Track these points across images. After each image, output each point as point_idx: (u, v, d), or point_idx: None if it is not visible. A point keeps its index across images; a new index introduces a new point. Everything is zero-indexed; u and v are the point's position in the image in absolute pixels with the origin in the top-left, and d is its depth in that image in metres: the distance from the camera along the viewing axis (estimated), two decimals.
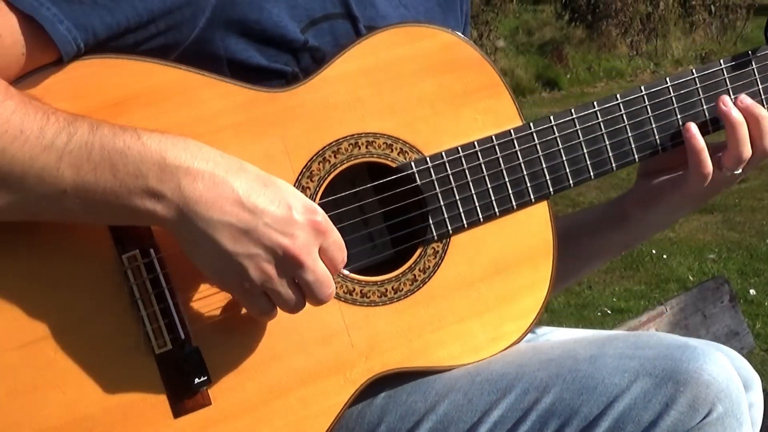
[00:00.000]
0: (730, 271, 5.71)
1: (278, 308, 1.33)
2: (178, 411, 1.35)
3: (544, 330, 1.75)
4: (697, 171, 1.55)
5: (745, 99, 1.58)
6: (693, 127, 1.56)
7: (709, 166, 1.55)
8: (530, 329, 1.52)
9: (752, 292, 5.35)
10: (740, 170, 1.57)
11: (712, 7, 14.36)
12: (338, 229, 1.46)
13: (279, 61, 1.44)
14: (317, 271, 1.30)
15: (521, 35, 14.00)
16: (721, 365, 1.38)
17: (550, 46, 13.53)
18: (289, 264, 1.29)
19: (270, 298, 1.31)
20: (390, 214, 1.50)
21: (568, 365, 1.42)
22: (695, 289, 2.58)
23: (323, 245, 1.31)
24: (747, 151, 1.55)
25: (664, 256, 6.06)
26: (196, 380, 1.34)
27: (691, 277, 5.63)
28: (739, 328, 2.46)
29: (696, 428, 1.36)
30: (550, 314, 5.04)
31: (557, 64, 12.92)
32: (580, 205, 7.15)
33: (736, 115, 1.56)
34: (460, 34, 1.51)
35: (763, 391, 1.62)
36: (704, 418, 1.36)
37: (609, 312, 5.20)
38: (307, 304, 1.33)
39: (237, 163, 1.29)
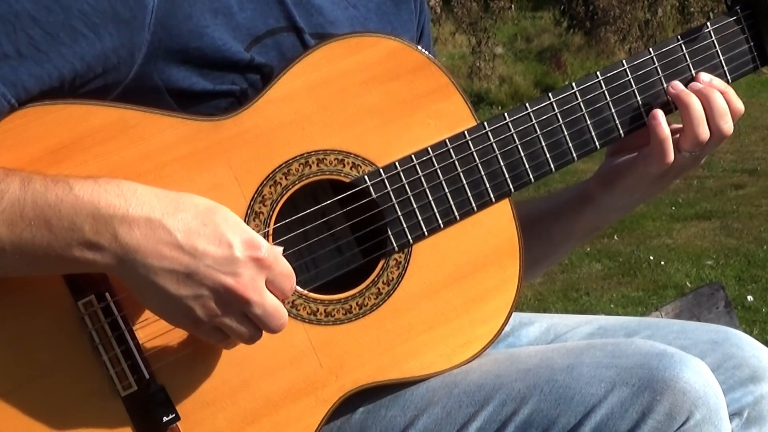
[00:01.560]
0: (728, 277, 5.68)
1: (236, 340, 1.33)
2: None
3: (529, 317, 1.74)
4: (660, 158, 1.53)
5: (698, 78, 1.55)
6: (660, 115, 1.53)
7: (671, 155, 1.52)
8: (502, 330, 1.51)
9: (750, 298, 5.32)
10: (698, 152, 1.54)
11: (711, 14, 14.10)
12: (305, 246, 1.45)
13: (225, 82, 1.41)
14: (265, 304, 1.30)
15: (520, 42, 13.98)
16: (698, 372, 1.37)
17: (549, 52, 13.51)
18: (235, 302, 1.28)
19: (223, 331, 1.31)
20: (356, 226, 1.49)
21: (546, 375, 1.41)
22: (690, 294, 2.55)
23: (269, 278, 1.30)
24: (704, 132, 1.52)
25: (662, 263, 6.05)
26: (164, 418, 1.34)
27: (688, 284, 5.61)
28: None
29: None
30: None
31: (556, 70, 12.89)
32: None
33: (687, 96, 1.53)
34: (404, 39, 1.48)
35: None
36: (682, 425, 1.35)
37: None
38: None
39: (173, 202, 1.28)
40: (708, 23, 1.61)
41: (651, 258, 6.14)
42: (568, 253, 1.81)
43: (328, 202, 1.45)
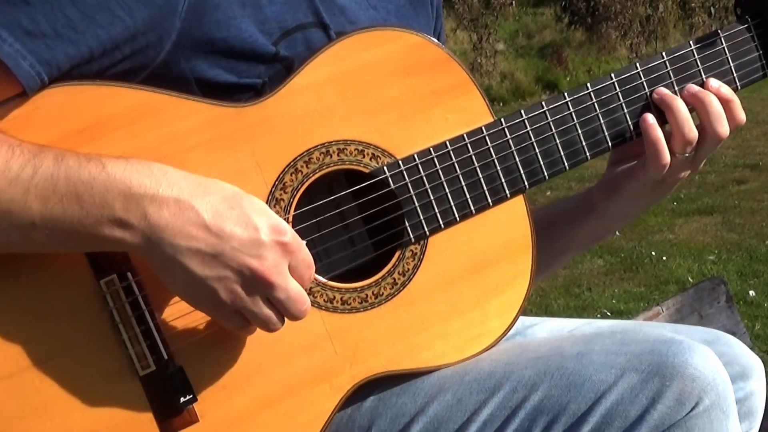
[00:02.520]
0: (730, 272, 5.71)
1: (257, 326, 1.34)
2: (166, 430, 1.36)
3: (533, 320, 1.76)
4: (654, 161, 1.56)
5: (707, 84, 1.59)
6: (650, 118, 1.57)
7: (666, 156, 1.56)
8: (514, 324, 1.53)
9: (752, 293, 5.36)
10: (691, 152, 1.57)
11: (712, 9, 14.31)
12: (318, 236, 1.47)
13: (250, 75, 1.43)
14: (289, 288, 1.31)
15: (521, 38, 14.08)
16: (707, 358, 1.39)
17: (550, 48, 13.60)
18: (259, 285, 1.30)
19: (244, 315, 1.32)
20: (369, 218, 1.51)
21: (556, 362, 1.44)
22: (691, 289, 2.57)
23: (292, 264, 1.32)
24: (690, 132, 1.55)
25: (664, 258, 6.07)
26: (182, 399, 1.35)
27: (690, 279, 5.64)
28: (735, 328, 2.46)
29: (683, 421, 1.37)
30: (549, 316, 5.02)
31: (557, 66, 12.98)
32: None
33: (671, 99, 1.57)
34: (426, 34, 1.51)
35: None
36: (691, 411, 1.37)
37: (609, 314, 5.21)
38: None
39: (202, 185, 1.29)
40: (720, 30, 1.64)
41: (653, 253, 6.15)
42: (570, 260, 1.83)
43: (347, 191, 1.47)
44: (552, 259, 1.76)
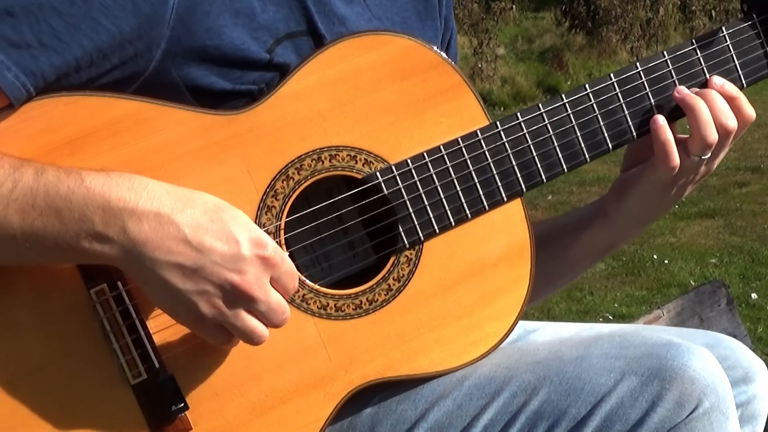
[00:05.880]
0: (732, 275, 5.67)
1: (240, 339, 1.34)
2: None
3: (534, 325, 1.74)
4: (663, 162, 1.53)
5: (711, 81, 1.56)
6: (660, 119, 1.54)
7: (675, 158, 1.52)
8: (513, 328, 1.51)
9: (754, 296, 5.31)
10: (708, 155, 1.54)
11: (713, 12, 14.12)
12: (317, 240, 1.47)
13: (245, 82, 1.43)
14: (270, 301, 1.31)
15: (521, 43, 14.01)
16: (705, 361, 1.38)
17: (551, 53, 13.53)
18: (240, 299, 1.30)
19: (227, 330, 1.32)
20: (367, 222, 1.50)
21: (555, 367, 1.43)
22: (692, 292, 2.55)
23: (274, 276, 1.32)
24: (711, 135, 1.52)
25: (666, 261, 6.03)
26: (173, 407, 1.36)
27: (692, 282, 5.59)
28: (736, 331, 2.43)
29: (683, 424, 1.37)
30: (551, 320, 5.00)
31: (558, 71, 12.92)
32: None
33: (692, 99, 1.53)
34: (417, 37, 1.50)
35: None
36: (691, 413, 1.36)
37: (611, 318, 5.18)
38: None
39: (183, 198, 1.29)
40: (723, 27, 1.61)
41: (654, 257, 6.12)
42: (584, 271, 1.80)
43: (340, 197, 1.47)
44: (565, 270, 1.74)
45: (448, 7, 1.72)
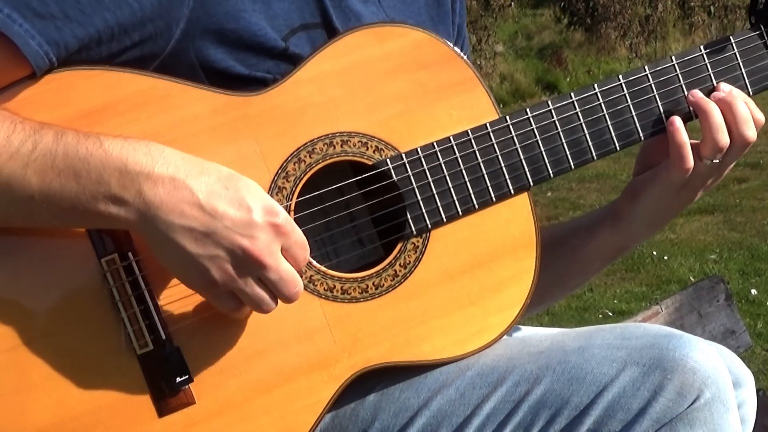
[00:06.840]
0: (732, 271, 5.68)
1: (250, 307, 1.36)
2: (162, 410, 1.37)
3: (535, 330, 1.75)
4: (678, 164, 1.56)
5: (719, 88, 1.58)
6: (677, 121, 1.56)
7: (689, 161, 1.55)
8: (516, 320, 1.52)
9: (753, 292, 5.33)
10: (719, 159, 1.56)
11: (711, 9, 14.19)
12: (323, 223, 1.49)
13: (260, 69, 1.46)
14: (280, 269, 1.33)
15: (520, 39, 14.02)
16: (707, 353, 1.40)
17: (550, 49, 13.55)
18: (251, 265, 1.31)
19: (237, 297, 1.34)
20: (373, 208, 1.52)
21: (558, 357, 1.44)
22: (690, 288, 2.57)
23: (285, 245, 1.33)
24: (723, 139, 1.55)
25: (665, 258, 6.05)
26: (178, 379, 1.37)
27: (692, 278, 5.60)
28: (735, 326, 2.43)
29: (684, 414, 1.38)
30: (551, 317, 5.04)
31: (557, 67, 12.93)
32: (581, 207, 7.15)
33: (706, 104, 1.56)
34: (431, 32, 1.53)
35: (765, 390, 1.61)
36: (692, 403, 1.37)
37: (610, 314, 5.19)
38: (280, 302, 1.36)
39: (198, 166, 1.32)
40: (731, 36, 1.64)
41: (654, 253, 6.12)
42: (597, 274, 1.82)
43: (349, 181, 1.49)
44: (576, 272, 1.75)
45: (462, 15, 1.75)
